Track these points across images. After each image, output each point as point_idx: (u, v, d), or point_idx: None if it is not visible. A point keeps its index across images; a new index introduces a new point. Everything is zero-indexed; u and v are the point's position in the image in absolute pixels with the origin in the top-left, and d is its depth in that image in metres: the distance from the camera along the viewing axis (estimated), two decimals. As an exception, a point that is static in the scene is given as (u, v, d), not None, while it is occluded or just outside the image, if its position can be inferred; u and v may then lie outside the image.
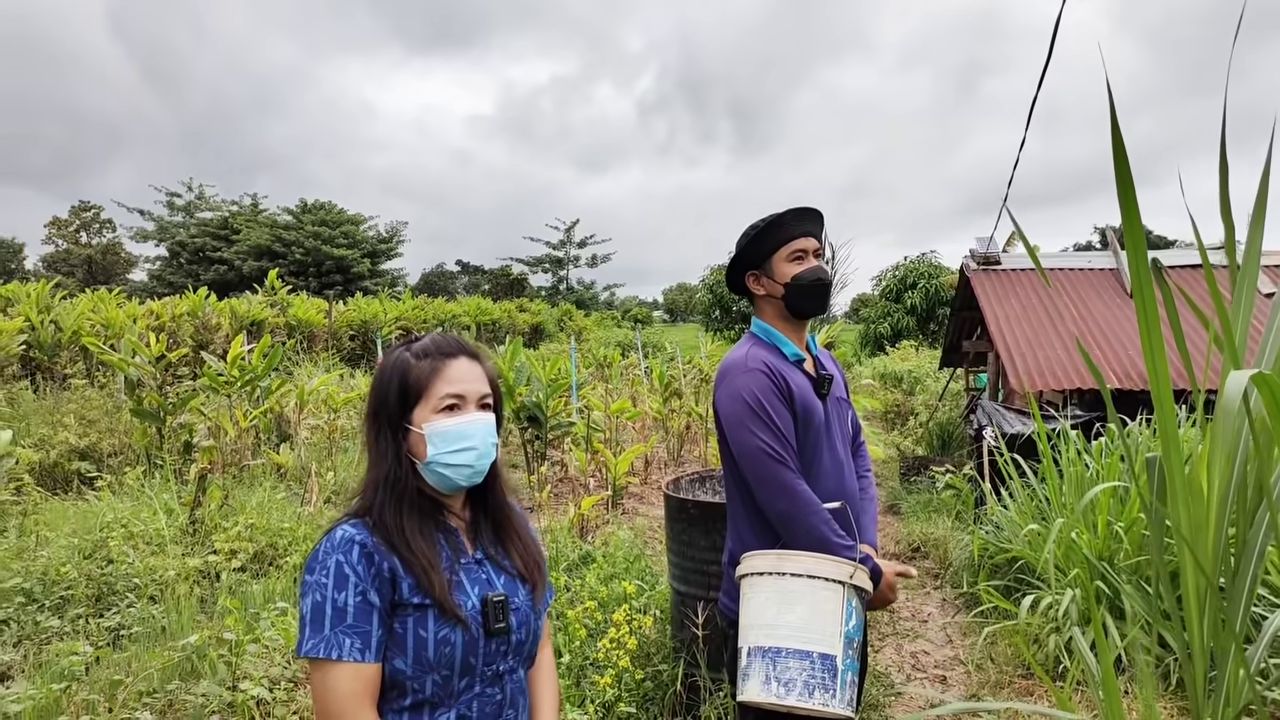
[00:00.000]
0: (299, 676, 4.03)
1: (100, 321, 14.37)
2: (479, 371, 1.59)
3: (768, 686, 1.97)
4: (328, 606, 1.40)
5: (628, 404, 9.79)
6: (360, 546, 1.44)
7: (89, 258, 50.47)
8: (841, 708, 1.96)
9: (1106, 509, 4.26)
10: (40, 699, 3.37)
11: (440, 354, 1.56)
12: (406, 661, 1.43)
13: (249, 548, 5.36)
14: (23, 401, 10.29)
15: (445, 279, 63.31)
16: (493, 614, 1.50)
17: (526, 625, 1.57)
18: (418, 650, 1.43)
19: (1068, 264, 10.37)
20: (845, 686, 1.98)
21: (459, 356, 1.57)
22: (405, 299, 28.49)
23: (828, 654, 1.96)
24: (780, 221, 2.37)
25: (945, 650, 4.65)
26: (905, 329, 27.73)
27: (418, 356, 1.56)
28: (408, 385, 1.54)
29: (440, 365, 1.55)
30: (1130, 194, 1.80)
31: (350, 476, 7.61)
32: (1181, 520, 1.89)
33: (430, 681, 1.44)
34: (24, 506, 6.38)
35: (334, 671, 1.38)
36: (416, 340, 1.61)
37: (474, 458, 1.53)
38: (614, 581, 4.55)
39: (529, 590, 1.61)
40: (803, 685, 1.95)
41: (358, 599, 1.40)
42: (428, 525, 1.53)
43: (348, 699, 1.38)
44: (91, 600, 4.72)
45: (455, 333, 17.34)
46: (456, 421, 1.52)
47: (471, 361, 1.59)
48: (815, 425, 2.32)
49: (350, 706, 1.38)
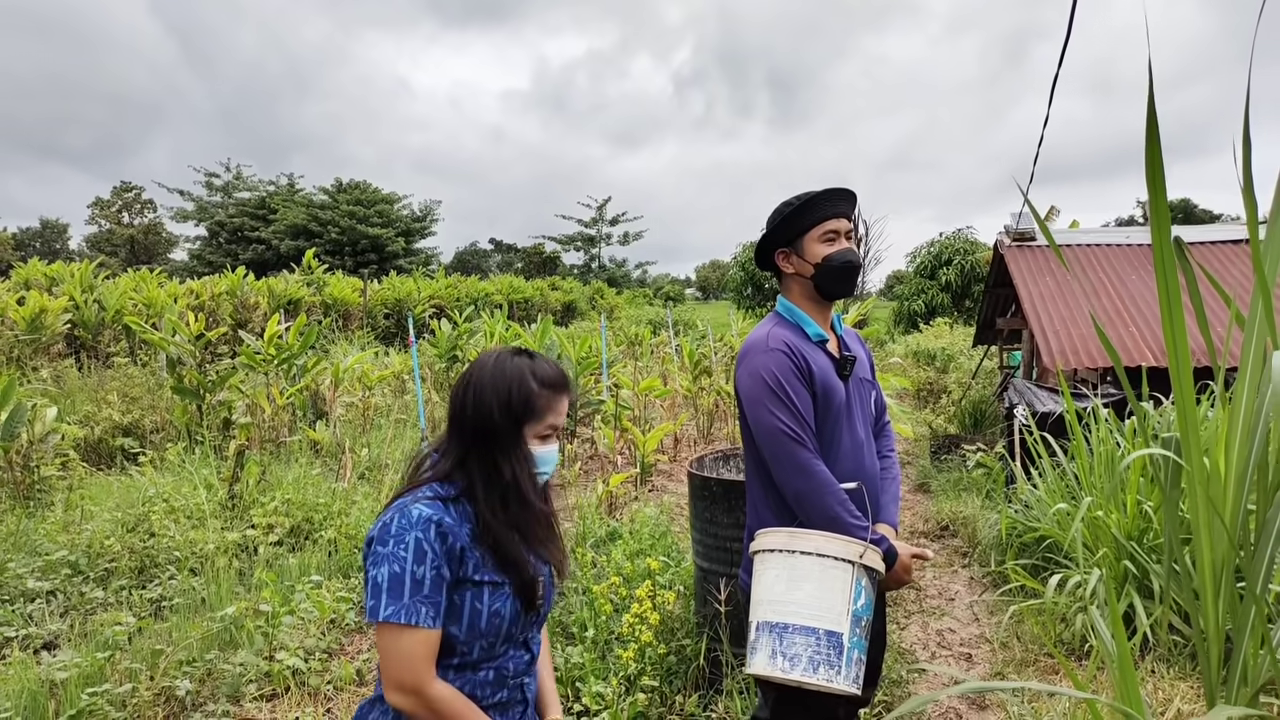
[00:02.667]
0: (333, 648, 4.14)
1: (142, 301, 14.66)
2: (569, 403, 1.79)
3: (773, 660, 2.01)
4: (407, 578, 1.56)
5: (657, 382, 9.81)
6: (437, 526, 1.59)
7: (131, 238, 51.39)
8: (845, 684, 1.99)
9: (1136, 488, 4.22)
10: (85, 667, 3.51)
11: (561, 388, 1.76)
12: (461, 629, 1.62)
13: (285, 522, 5.49)
14: (68, 379, 10.57)
15: (479, 257, 63.63)
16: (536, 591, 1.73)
17: (549, 599, 1.82)
18: (472, 620, 1.63)
19: (1107, 240, 10.20)
20: (851, 664, 2.01)
21: (566, 393, 1.77)
22: (439, 277, 28.72)
23: (834, 631, 1.99)
24: (814, 201, 2.37)
25: (971, 628, 4.65)
26: (940, 306, 27.41)
27: (541, 384, 1.72)
28: (531, 407, 1.70)
29: (557, 400, 1.74)
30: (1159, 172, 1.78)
31: (384, 453, 7.73)
32: (1199, 499, 1.89)
33: (478, 646, 1.65)
34: (69, 481, 6.59)
35: (409, 635, 1.55)
36: (532, 358, 1.76)
37: (543, 479, 1.75)
38: (640, 558, 4.60)
39: (551, 569, 1.83)
40: (808, 660, 1.98)
41: (433, 573, 1.57)
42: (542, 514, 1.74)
43: (420, 660, 1.56)
44: (134, 572, 4.87)
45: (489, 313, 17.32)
46: (550, 450, 1.75)
47: (568, 395, 1.79)
48: (835, 406, 2.33)
49: (421, 667, 1.56)
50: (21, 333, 12.16)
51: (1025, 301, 8.77)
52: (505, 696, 1.71)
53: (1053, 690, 1.90)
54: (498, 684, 1.69)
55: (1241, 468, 1.89)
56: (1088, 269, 9.45)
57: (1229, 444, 1.92)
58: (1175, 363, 1.90)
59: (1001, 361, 12.99)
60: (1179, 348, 1.90)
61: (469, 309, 17.83)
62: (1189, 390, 1.90)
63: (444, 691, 1.58)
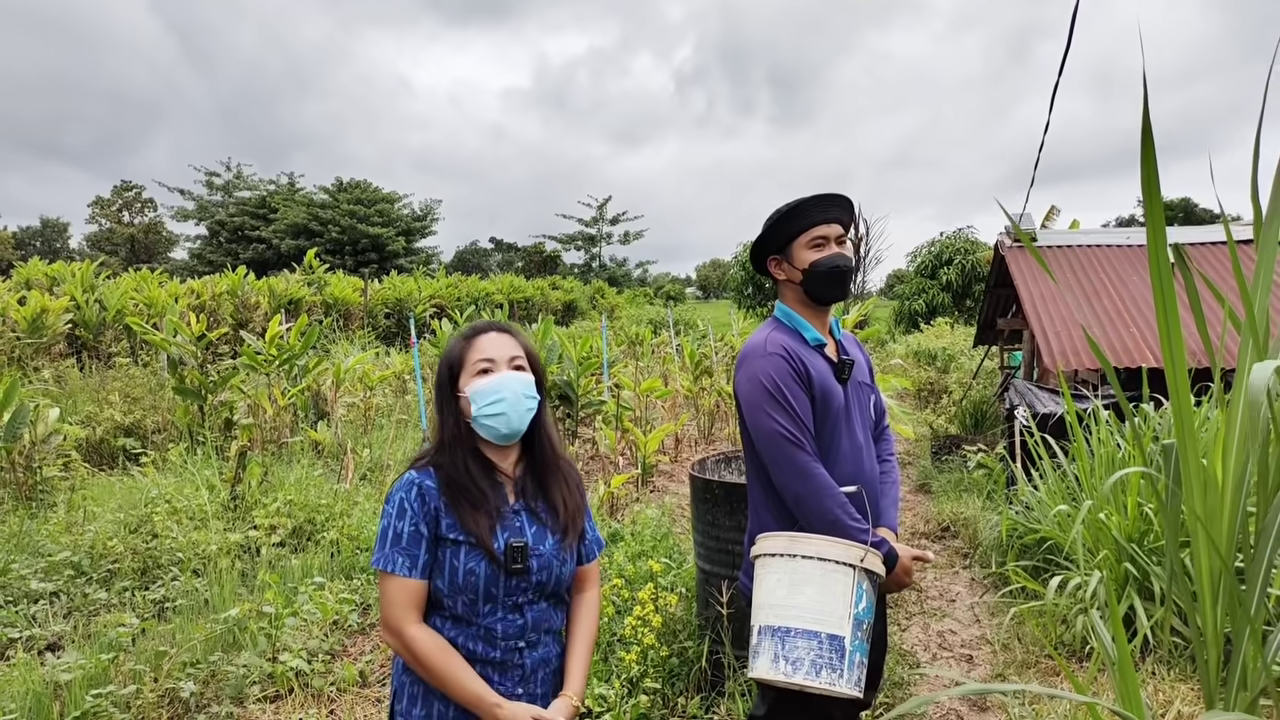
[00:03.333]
0: (336, 649, 4.16)
1: (143, 301, 14.67)
2: (508, 340, 1.93)
3: (776, 665, 2.02)
4: (390, 532, 1.80)
5: (658, 383, 9.82)
6: (418, 488, 1.82)
7: (132, 237, 51.40)
8: (848, 688, 2.01)
9: (1136, 490, 4.23)
10: (90, 668, 3.52)
11: (474, 332, 1.94)
12: (444, 584, 1.80)
13: (288, 523, 5.50)
14: (69, 379, 10.58)
15: (479, 256, 63.63)
16: (511, 556, 1.81)
17: (549, 569, 1.87)
18: (451, 576, 1.79)
19: (1107, 240, 10.19)
20: (853, 667, 2.02)
21: (489, 331, 1.94)
22: (439, 277, 28.73)
23: (836, 635, 2.01)
24: (802, 207, 2.38)
25: (972, 630, 4.66)
26: (940, 306, 27.39)
27: (460, 338, 1.94)
28: (452, 360, 1.91)
29: (473, 340, 1.92)
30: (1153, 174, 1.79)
31: (385, 454, 7.75)
32: (1196, 503, 1.90)
33: (460, 602, 1.80)
34: (72, 482, 6.60)
35: (388, 582, 1.79)
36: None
37: (505, 405, 1.84)
38: (641, 559, 4.61)
39: (557, 539, 1.89)
40: (810, 664, 1.99)
41: (411, 529, 1.79)
42: (480, 477, 1.86)
43: (398, 605, 1.77)
44: (137, 573, 4.89)
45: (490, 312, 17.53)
46: (487, 380, 1.86)
47: (500, 334, 1.94)
48: (834, 410, 2.35)
49: (399, 611, 1.77)
50: (23, 333, 12.17)
51: (1026, 302, 8.77)
52: (499, 656, 1.83)
53: (1053, 693, 1.91)
54: (488, 643, 1.82)
55: (1239, 471, 1.90)
56: (1088, 270, 9.45)
57: (1226, 447, 1.93)
58: (1171, 368, 1.91)
59: (1002, 362, 13.00)
60: (1175, 354, 1.90)
61: (470, 309, 17.86)
62: (1185, 395, 1.91)
63: (420, 634, 1.77)
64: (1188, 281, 1.94)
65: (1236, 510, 1.89)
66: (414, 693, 1.84)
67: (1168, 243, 1.85)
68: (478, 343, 1.90)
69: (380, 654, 4.09)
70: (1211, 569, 1.90)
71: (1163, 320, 1.89)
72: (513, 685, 1.84)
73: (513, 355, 1.90)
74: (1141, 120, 1.77)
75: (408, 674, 1.86)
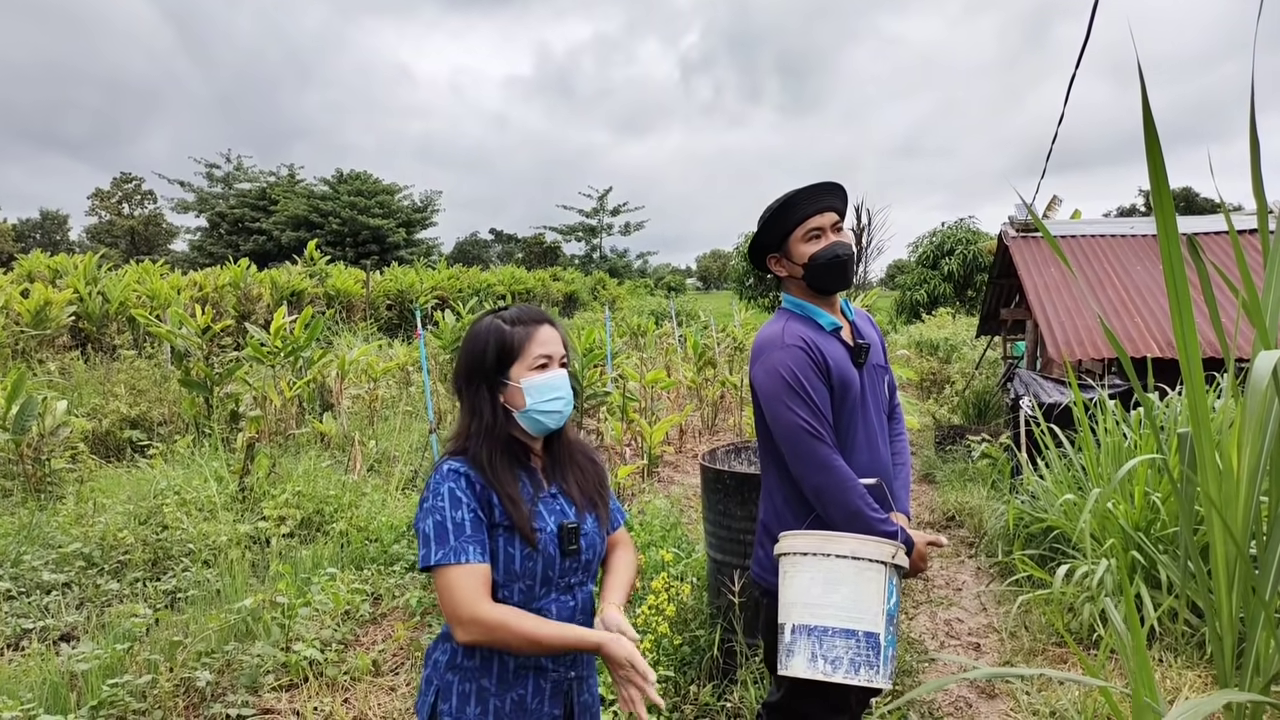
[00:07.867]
0: (349, 639, 4.19)
1: (146, 293, 14.68)
2: (558, 335, 1.90)
3: (814, 664, 2.04)
4: (448, 524, 1.72)
5: (662, 374, 9.85)
6: (465, 476, 1.77)
7: (132, 229, 51.39)
8: (884, 682, 2.04)
9: (1143, 479, 4.26)
10: (105, 658, 3.55)
11: (532, 321, 1.88)
12: (499, 572, 1.76)
13: (296, 514, 5.52)
14: (74, 372, 10.59)
15: (479, 247, 63.53)
16: (566, 538, 1.82)
17: (594, 547, 1.89)
18: (507, 564, 1.76)
19: (1110, 230, 10.20)
20: (888, 662, 2.05)
21: (544, 324, 1.89)
22: (440, 268, 28.69)
23: (872, 632, 2.03)
24: (793, 201, 2.36)
25: (979, 618, 4.69)
26: (942, 296, 27.41)
27: (510, 323, 1.87)
28: (505, 347, 1.84)
29: (533, 331, 1.86)
30: (1159, 165, 1.80)
31: (392, 445, 7.77)
32: (1211, 491, 1.92)
33: (517, 589, 1.78)
34: (80, 474, 6.62)
35: (460, 571, 1.69)
36: (503, 310, 1.93)
37: (562, 405, 1.86)
38: (651, 549, 4.64)
39: (595, 517, 1.91)
40: (849, 663, 2.01)
41: (470, 515, 1.74)
42: (515, 465, 1.84)
43: (473, 590, 1.69)
44: (148, 564, 4.91)
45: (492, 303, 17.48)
46: (548, 376, 1.84)
47: (553, 329, 1.90)
48: (851, 397, 2.35)
49: (472, 597, 1.69)
50: (27, 325, 12.18)
51: (1030, 292, 8.79)
52: None
53: (1066, 678, 1.93)
54: None
55: (1254, 460, 1.92)
56: (1092, 260, 9.46)
57: (1241, 435, 1.94)
58: (1185, 358, 1.92)
59: (1005, 352, 13.01)
60: (1189, 344, 1.92)
61: (472, 300, 17.85)
62: (1200, 386, 1.92)
63: (495, 610, 1.70)
64: (1201, 273, 1.95)
65: (1251, 497, 1.91)
66: (464, 690, 1.80)
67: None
68: (538, 334, 1.86)
69: (393, 644, 4.12)
70: (1227, 555, 1.92)
71: (1175, 310, 1.90)
72: (565, 668, 1.85)
73: (563, 354, 1.89)
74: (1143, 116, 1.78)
75: (454, 671, 1.81)
